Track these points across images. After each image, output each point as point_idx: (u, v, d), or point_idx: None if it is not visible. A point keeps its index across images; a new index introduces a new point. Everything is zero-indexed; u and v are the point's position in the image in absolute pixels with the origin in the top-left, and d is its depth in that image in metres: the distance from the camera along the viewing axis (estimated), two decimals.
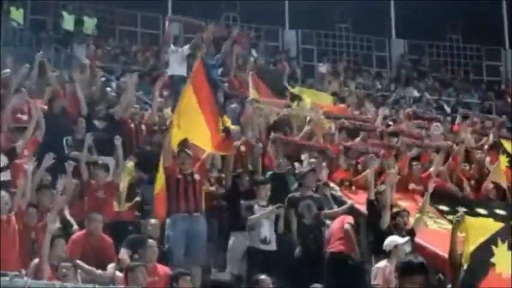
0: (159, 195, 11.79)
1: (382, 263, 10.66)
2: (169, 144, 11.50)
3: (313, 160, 14.02)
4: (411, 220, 12.12)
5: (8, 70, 15.53)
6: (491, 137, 16.90)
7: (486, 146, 16.48)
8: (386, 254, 10.74)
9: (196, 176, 11.48)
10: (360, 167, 14.61)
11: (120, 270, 10.05)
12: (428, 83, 26.95)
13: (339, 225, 12.22)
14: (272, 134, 14.61)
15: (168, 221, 11.27)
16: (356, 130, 16.01)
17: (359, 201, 13.07)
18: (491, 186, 14.76)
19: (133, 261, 10.12)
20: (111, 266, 10.17)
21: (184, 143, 11.98)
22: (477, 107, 24.94)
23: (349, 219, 12.29)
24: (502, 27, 29.39)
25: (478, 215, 13.61)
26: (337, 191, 13.65)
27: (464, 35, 30.19)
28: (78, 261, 9.96)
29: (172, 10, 26.74)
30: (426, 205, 12.51)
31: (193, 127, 11.74)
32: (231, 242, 12.05)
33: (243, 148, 13.98)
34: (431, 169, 14.70)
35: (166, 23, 23.71)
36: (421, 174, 14.58)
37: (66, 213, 11.44)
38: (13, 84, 14.16)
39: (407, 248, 10.90)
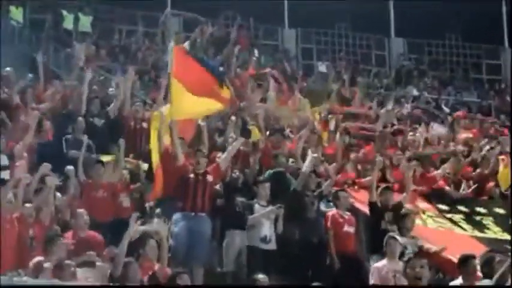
0: (156, 175, 12.08)
1: (381, 262, 10.68)
2: (177, 143, 11.59)
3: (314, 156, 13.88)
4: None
5: (8, 68, 15.61)
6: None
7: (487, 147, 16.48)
8: (384, 254, 10.77)
9: (209, 177, 11.55)
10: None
11: None
12: (427, 82, 26.95)
13: None
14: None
15: (174, 217, 11.34)
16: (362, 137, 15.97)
17: (361, 199, 13.07)
18: (493, 185, 14.73)
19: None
20: None
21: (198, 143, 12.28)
22: (476, 106, 24.98)
23: (328, 225, 12.30)
24: (502, 25, 29.40)
25: (478, 214, 13.65)
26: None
27: (464, 34, 30.17)
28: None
29: (172, 8, 26.72)
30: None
31: (190, 106, 11.96)
32: (225, 240, 12.06)
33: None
34: (439, 171, 14.64)
35: (162, 18, 23.68)
36: (422, 175, 14.44)
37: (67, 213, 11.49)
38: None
39: (412, 248, 10.92)
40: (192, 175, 11.45)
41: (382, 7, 28.59)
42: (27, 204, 10.41)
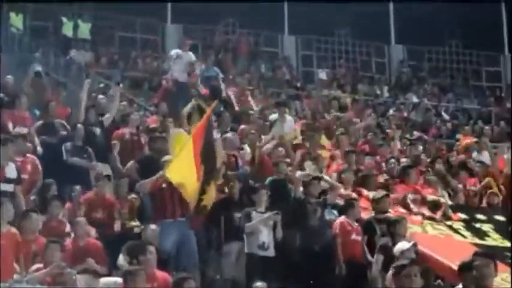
0: None
1: None
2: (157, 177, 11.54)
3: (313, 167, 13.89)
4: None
5: (9, 76, 15.65)
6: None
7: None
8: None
9: None
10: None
11: None
12: (427, 89, 26.95)
13: None
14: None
15: (159, 227, 11.30)
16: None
17: (363, 204, 13.12)
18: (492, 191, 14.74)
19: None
20: None
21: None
22: (476, 113, 24.99)
23: (336, 232, 12.28)
24: (501, 32, 29.42)
25: (478, 221, 13.63)
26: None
27: (464, 41, 30.20)
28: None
29: (172, 16, 26.78)
30: None
31: (184, 175, 11.66)
32: (224, 250, 12.08)
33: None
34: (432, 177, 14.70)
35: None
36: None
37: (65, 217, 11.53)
38: None
39: (412, 255, 10.92)
40: (164, 185, 11.41)
41: (382, 14, 28.61)
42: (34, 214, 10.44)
